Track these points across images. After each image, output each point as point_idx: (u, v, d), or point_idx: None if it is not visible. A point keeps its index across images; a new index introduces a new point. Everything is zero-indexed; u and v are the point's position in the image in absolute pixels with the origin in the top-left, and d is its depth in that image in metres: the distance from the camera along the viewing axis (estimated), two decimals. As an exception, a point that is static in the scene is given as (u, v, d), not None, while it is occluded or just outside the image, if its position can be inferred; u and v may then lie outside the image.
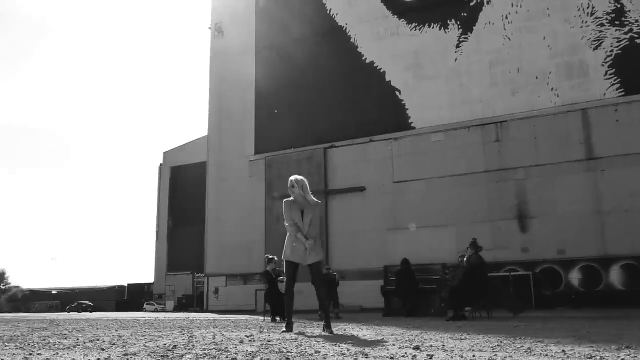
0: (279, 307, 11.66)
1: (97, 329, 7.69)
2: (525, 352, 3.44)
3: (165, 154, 62.47)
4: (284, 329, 6.32)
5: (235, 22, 33.90)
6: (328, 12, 30.20)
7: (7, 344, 4.67)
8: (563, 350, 3.50)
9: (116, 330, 7.20)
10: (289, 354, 3.28)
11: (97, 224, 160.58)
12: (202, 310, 34.30)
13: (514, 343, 4.03)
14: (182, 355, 3.36)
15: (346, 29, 29.48)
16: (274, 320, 11.34)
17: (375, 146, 27.58)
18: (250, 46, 32.53)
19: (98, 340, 4.94)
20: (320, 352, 3.40)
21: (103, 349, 3.86)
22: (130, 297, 68.70)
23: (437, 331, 6.18)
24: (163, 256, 58.02)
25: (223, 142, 33.10)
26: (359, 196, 27.56)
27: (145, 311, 51.58)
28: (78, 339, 5.08)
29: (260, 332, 6.25)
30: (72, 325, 9.46)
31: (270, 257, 12.44)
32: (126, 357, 3.32)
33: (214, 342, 4.35)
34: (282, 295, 11.83)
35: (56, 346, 4.29)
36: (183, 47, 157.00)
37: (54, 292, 75.22)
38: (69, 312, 51.27)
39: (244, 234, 30.57)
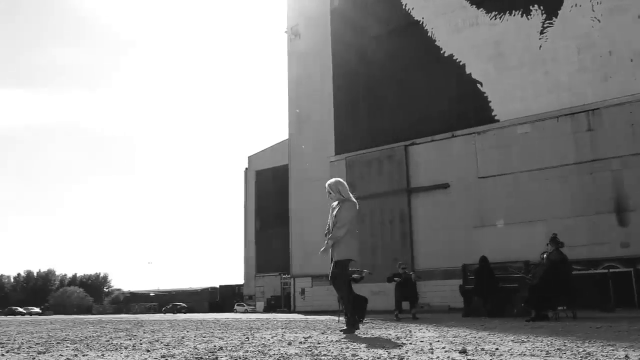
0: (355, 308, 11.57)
1: (173, 330, 7.87)
2: (582, 357, 3.08)
3: (249, 157, 63.90)
4: (343, 329, 6.17)
5: (311, 24, 34.12)
6: (403, 8, 29.69)
7: (69, 344, 4.82)
8: (626, 356, 3.10)
9: (187, 331, 7.32)
10: (325, 357, 3.13)
11: (190, 229, 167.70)
12: (289, 310, 34.73)
13: (577, 347, 3.65)
14: (218, 357, 3.28)
15: (422, 23, 28.85)
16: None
17: (458, 141, 26.78)
18: (326, 47, 32.62)
19: (157, 341, 5.01)
20: (357, 356, 3.22)
21: (148, 350, 3.88)
22: (221, 299, 70.89)
23: (505, 333, 5.80)
24: (251, 258, 59.36)
25: (303, 144, 33.41)
26: (443, 193, 26.86)
27: (236, 312, 52.94)
28: (141, 340, 5.18)
29: (322, 333, 6.11)
30: (153, 326, 9.76)
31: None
32: (163, 358, 3.28)
33: (263, 344, 4.27)
34: (357, 296, 11.66)
35: (111, 346, 4.38)
36: (261, 51, 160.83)
37: (151, 294, 79.15)
38: (164, 313, 53.59)
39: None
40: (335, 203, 6.18)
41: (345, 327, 5.98)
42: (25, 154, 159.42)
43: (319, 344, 4.22)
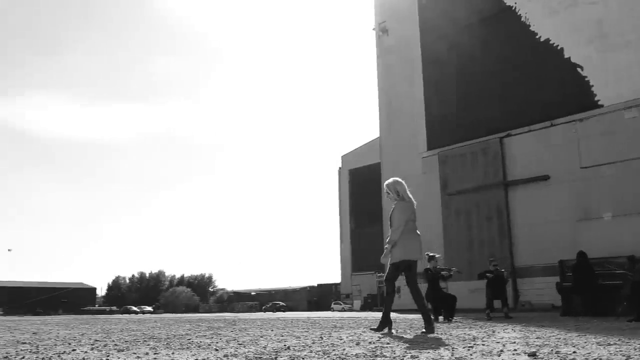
0: (441, 306, 11.19)
1: (260, 328, 7.97)
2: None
3: (343, 157, 64.25)
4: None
5: (399, 19, 33.68)
6: (494, -7, 28.58)
7: (152, 342, 4.99)
8: None
9: (272, 330, 7.38)
10: (383, 358, 2.99)
11: (289, 229, 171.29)
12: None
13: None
14: (278, 357, 3.24)
15: (515, 8, 27.58)
16: (436, 320, 10.80)
17: (557, 130, 25.34)
18: (415, 41, 32.05)
19: (234, 340, 5.07)
20: (417, 357, 3.05)
21: (217, 349, 3.91)
22: (320, 297, 71.74)
23: (596, 334, 5.32)
24: (347, 256, 59.60)
25: (395, 140, 33.04)
26: (542, 185, 25.52)
27: (333, 310, 53.34)
28: (221, 339, 5.26)
29: (402, 333, 5.92)
30: (244, 325, 9.96)
31: (431, 254, 11.92)
32: (226, 358, 3.29)
33: (332, 344, 4.18)
34: (443, 293, 11.31)
35: (187, 345, 4.47)
36: (349, 50, 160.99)
37: (253, 293, 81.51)
38: (264, 312, 54.98)
39: (422, 232, 29.73)
40: (393, 204, 6.00)
41: (424, 329, 5.79)
42: (134, 162, 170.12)
43: (387, 344, 4.07)
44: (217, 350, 3.90)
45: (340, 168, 64.66)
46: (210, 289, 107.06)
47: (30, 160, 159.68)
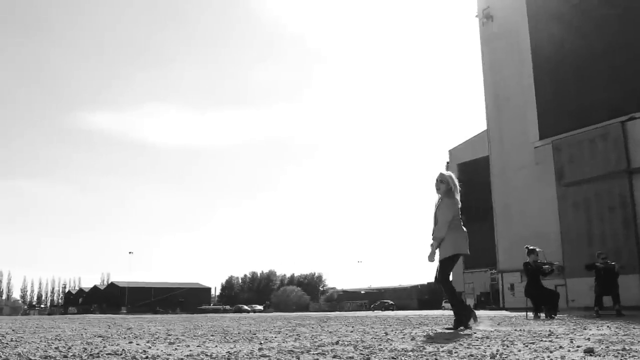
0: (542, 302, 10.16)
1: (345, 326, 7.60)
2: None
3: (450, 151, 62.34)
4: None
5: (504, 3, 31.98)
6: (609, -34, 26.22)
7: (214, 336, 4.78)
8: None
9: (352, 327, 7.00)
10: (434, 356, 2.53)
11: (397, 226, 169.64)
12: (497, 307, 32.86)
13: None
14: (310, 351, 2.86)
15: (634, -21, 25.13)
16: (537, 317, 9.84)
17: (689, 110, 22.71)
18: (522, 24, 30.23)
19: (291, 336, 4.76)
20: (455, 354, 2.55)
21: (261, 342, 3.59)
22: (430, 295, 70.11)
23: None
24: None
25: (503, 131, 31.40)
26: (674, 172, 23.01)
27: (444, 309, 51.83)
28: (284, 335, 4.97)
29: (473, 330, 5.27)
30: (335, 322, 9.63)
31: (531, 247, 10.89)
32: (260, 350, 2.98)
33: (380, 339, 3.73)
34: (544, 289, 10.26)
35: (236, 337, 4.21)
36: (453, 41, 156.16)
37: (362, 291, 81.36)
38: (372, 311, 54.62)
39: (536, 226, 28.32)
40: (438, 199, 5.45)
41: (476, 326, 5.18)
42: (242, 165, 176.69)
43: (438, 346, 3.53)
44: (261, 343, 3.60)
45: (448, 162, 62.80)
46: (320, 288, 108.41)
47: (147, 168, 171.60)
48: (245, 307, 73.34)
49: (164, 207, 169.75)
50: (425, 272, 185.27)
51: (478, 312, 10.25)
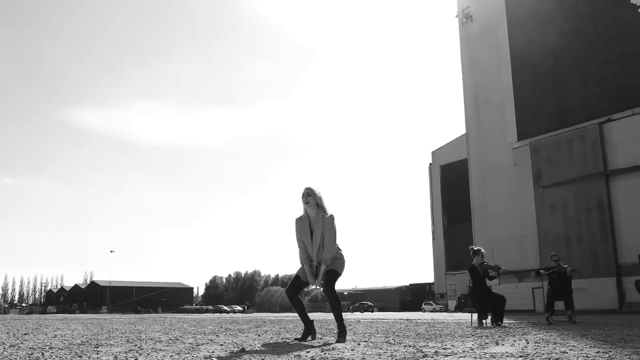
0: (487, 307, 9.66)
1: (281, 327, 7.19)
2: None
3: (433, 152, 62.25)
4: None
5: (484, 3, 31.83)
6: (587, -34, 26.17)
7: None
8: None
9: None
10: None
11: (380, 228, 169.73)
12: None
13: None
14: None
15: (612, -20, 25.11)
16: (480, 323, 9.39)
17: (665, 112, 22.71)
18: (501, 25, 30.11)
19: (187, 343, 4.39)
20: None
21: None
22: (412, 297, 69.97)
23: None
24: (440, 255, 57.58)
25: (482, 132, 31.26)
26: (649, 174, 22.99)
27: (424, 311, 51.66)
28: (162, 346, 4.62)
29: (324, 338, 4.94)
30: (280, 324, 9.27)
31: (476, 248, 10.25)
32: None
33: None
34: (490, 294, 9.77)
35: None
36: (435, 42, 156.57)
37: (345, 293, 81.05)
38: (352, 312, 54.27)
39: (514, 227, 28.24)
40: (314, 214, 5.05)
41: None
42: (229, 164, 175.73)
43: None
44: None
45: (430, 164, 62.79)
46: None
47: (132, 166, 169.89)
48: (225, 307, 72.73)
49: (150, 205, 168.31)
50: (408, 274, 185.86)
51: (457, 315, 9.94)
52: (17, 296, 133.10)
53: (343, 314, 5.07)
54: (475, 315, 9.89)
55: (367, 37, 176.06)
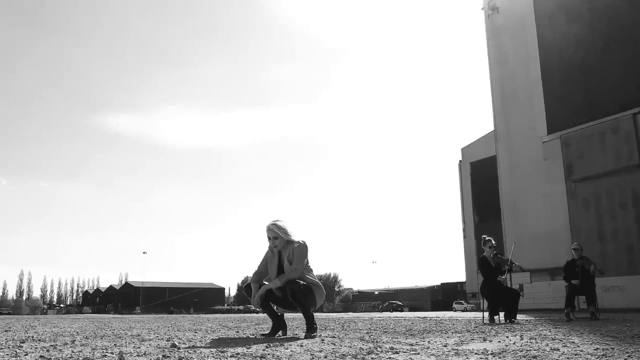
0: (499, 303, 9.01)
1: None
2: None
3: (462, 149, 61.22)
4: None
5: (510, -6, 31.03)
6: (617, -48, 25.19)
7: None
8: None
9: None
10: None
11: (410, 227, 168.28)
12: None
13: None
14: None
15: (644, -36, 24.10)
16: (492, 320, 8.80)
17: (703, 101, 21.64)
18: (529, 15, 29.26)
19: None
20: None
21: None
22: (444, 296, 68.96)
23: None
24: (472, 253, 56.48)
25: (511, 126, 30.44)
26: (687, 166, 21.96)
27: (454, 310, 50.81)
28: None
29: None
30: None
31: (487, 237, 9.54)
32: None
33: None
34: (502, 288, 9.13)
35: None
36: (462, 36, 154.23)
37: (376, 292, 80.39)
38: (380, 312, 53.76)
39: (545, 224, 27.39)
40: (285, 249, 4.78)
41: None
42: (257, 165, 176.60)
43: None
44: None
45: (460, 161, 61.81)
46: (336, 289, 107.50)
47: (161, 169, 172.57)
48: (253, 307, 72.85)
49: (181, 207, 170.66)
50: (440, 273, 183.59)
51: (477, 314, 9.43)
52: (55, 297, 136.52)
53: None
54: (487, 313, 9.37)
55: (393, 33, 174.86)
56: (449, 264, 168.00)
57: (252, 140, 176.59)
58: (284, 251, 4.95)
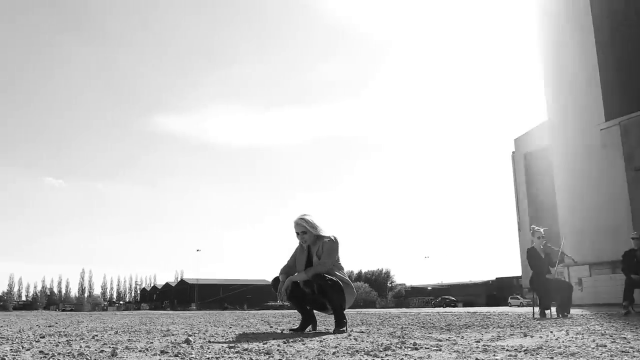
0: (550, 296, 8.43)
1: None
2: None
3: (515, 140, 59.38)
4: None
5: (562, -24, 29.77)
6: None
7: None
8: None
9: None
10: None
11: (463, 220, 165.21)
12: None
13: None
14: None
15: None
16: (543, 315, 8.28)
17: None
18: (584, -2, 27.99)
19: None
20: None
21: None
22: (499, 291, 67.28)
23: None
24: (527, 246, 54.80)
25: (566, 114, 29.26)
26: None
27: (510, 305, 49.54)
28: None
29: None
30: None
31: (535, 227, 8.99)
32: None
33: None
34: (555, 281, 8.54)
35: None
36: (507, 22, 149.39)
37: (429, 288, 79.25)
38: (433, 307, 53.01)
39: (604, 215, 26.17)
40: (314, 245, 4.78)
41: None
42: (307, 163, 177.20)
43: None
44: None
45: (513, 152, 60.04)
46: (388, 284, 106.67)
47: (211, 168, 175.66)
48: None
49: (231, 204, 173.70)
50: (495, 267, 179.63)
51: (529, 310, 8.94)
52: (115, 294, 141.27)
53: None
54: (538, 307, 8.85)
55: (438, 22, 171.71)
56: (503, 258, 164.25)
57: (300, 138, 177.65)
58: (314, 246, 4.76)
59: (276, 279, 5.01)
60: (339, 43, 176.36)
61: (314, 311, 5.03)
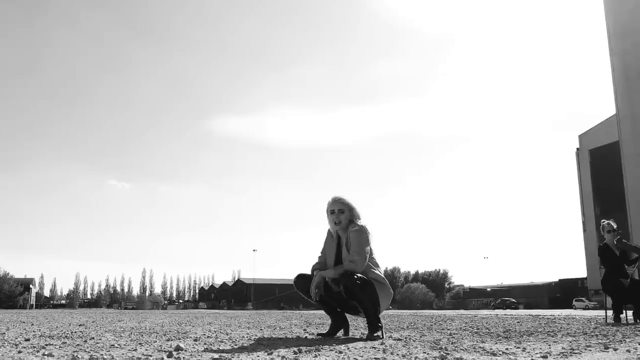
0: (625, 299, 7.40)
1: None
2: None
3: (580, 136, 56.82)
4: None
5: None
6: None
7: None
8: None
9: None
10: None
11: (524, 220, 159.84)
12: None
13: None
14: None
15: None
16: (617, 319, 7.32)
17: None
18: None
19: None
20: None
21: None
22: (563, 293, 64.42)
23: None
24: (593, 247, 52.23)
25: (635, 108, 27.48)
26: None
27: (575, 308, 47.26)
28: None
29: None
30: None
31: (606, 222, 7.93)
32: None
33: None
34: (633, 282, 7.54)
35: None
36: (572, 11, 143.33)
37: (488, 289, 76.81)
38: (492, 309, 51.18)
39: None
40: (343, 232, 4.20)
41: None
42: (363, 163, 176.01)
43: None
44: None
45: (578, 149, 57.49)
46: (446, 285, 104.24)
47: (269, 169, 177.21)
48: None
49: (288, 205, 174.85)
50: (557, 269, 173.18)
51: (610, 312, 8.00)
52: (175, 293, 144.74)
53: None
54: (611, 311, 7.88)
55: (498, 16, 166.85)
56: (567, 259, 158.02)
57: (360, 138, 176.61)
58: (343, 234, 4.17)
59: (298, 278, 4.43)
60: (397, 40, 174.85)
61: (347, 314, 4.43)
